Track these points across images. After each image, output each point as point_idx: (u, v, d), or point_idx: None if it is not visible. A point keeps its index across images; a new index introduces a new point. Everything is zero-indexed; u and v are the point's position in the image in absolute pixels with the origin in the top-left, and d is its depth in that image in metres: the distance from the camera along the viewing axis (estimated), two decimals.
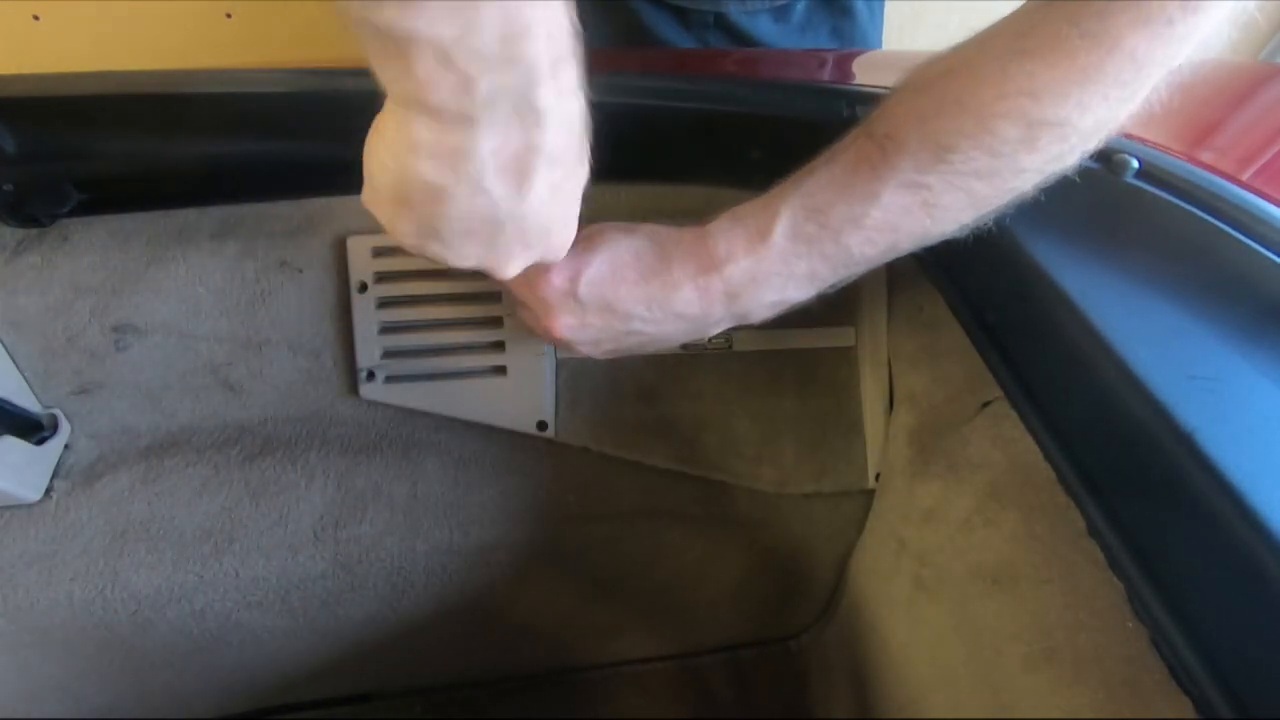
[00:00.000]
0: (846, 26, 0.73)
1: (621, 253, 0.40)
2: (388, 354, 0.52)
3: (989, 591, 0.44)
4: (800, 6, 0.70)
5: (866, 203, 0.36)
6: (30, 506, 0.51)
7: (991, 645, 0.44)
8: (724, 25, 0.68)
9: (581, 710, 0.68)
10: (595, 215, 0.51)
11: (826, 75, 0.59)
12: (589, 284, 0.40)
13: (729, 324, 0.41)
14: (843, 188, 0.36)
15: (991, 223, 0.38)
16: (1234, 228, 0.39)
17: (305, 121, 0.44)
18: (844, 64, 0.62)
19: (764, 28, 0.69)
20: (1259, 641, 0.29)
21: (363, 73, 0.44)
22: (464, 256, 0.33)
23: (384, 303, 0.51)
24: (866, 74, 0.57)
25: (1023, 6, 0.34)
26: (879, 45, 0.78)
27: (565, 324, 0.41)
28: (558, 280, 0.40)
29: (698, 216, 0.53)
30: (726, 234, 0.38)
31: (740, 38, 0.69)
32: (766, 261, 0.38)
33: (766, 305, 0.40)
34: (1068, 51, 0.32)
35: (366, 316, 0.51)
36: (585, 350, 0.43)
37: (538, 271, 0.40)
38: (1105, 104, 0.33)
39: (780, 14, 0.69)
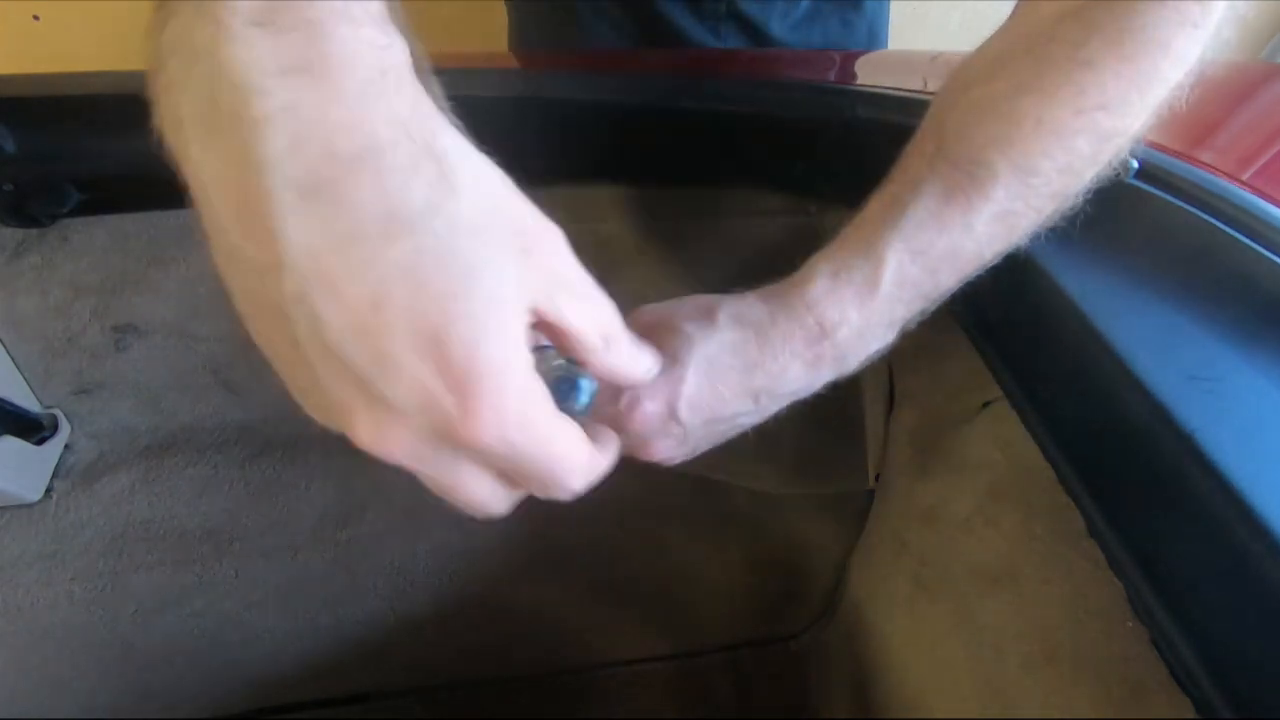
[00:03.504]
0: (855, 16, 0.73)
1: (717, 357, 0.35)
2: None
3: (989, 591, 0.44)
4: None
5: (963, 236, 0.34)
6: (30, 506, 0.51)
7: (991, 645, 0.44)
8: (736, 14, 0.69)
9: (581, 710, 0.68)
10: (596, 214, 0.51)
11: (829, 75, 0.59)
12: (690, 407, 0.34)
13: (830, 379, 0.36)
14: (941, 224, 0.34)
15: None
16: (1234, 228, 0.39)
17: None
18: (848, 64, 0.62)
19: (775, 16, 0.69)
20: (1259, 641, 0.29)
21: None
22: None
23: None
24: (869, 74, 0.57)
25: (1061, 12, 0.33)
26: (886, 36, 0.79)
27: (665, 447, 0.36)
28: (653, 408, 0.34)
29: (698, 217, 0.53)
30: (834, 295, 0.34)
31: (751, 26, 0.69)
32: (875, 314, 0.34)
33: (866, 357, 0.36)
34: (1131, 59, 0.31)
35: None
36: (683, 458, 0.38)
37: (627, 404, 0.34)
38: (1150, 108, 0.33)
39: (791, 2, 0.70)
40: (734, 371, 0.35)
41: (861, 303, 0.34)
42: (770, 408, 0.36)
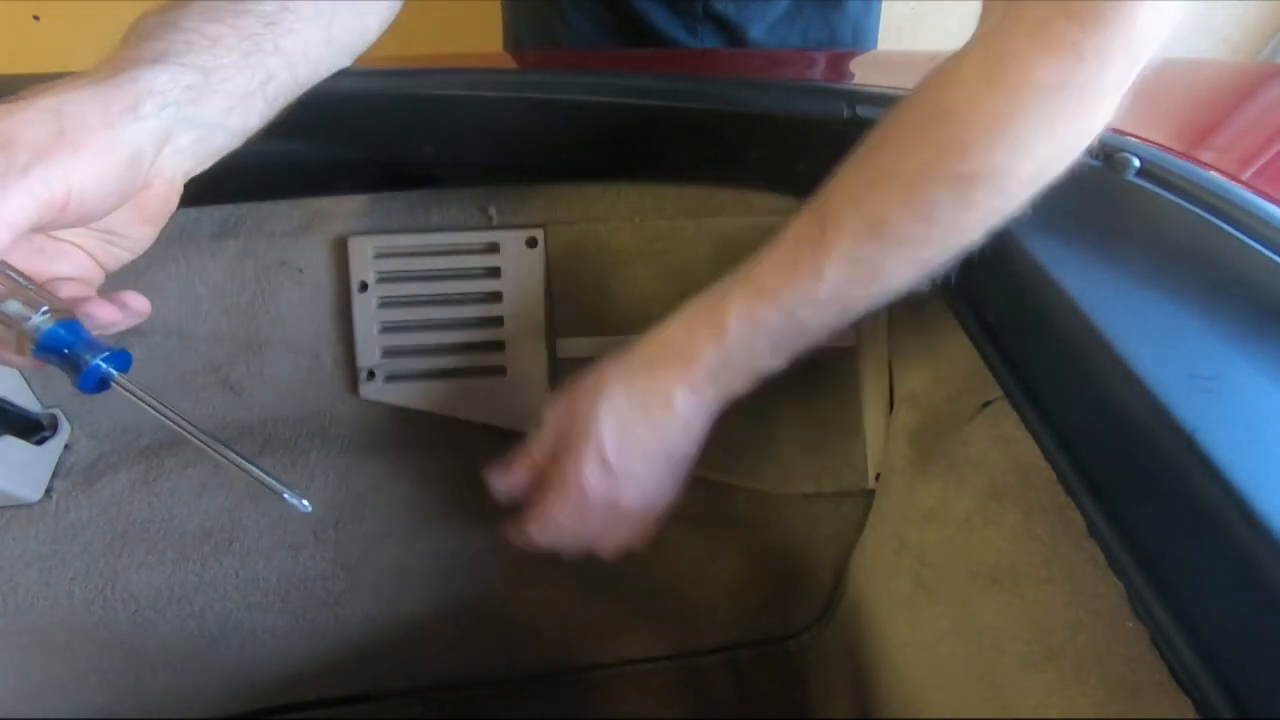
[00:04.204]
0: (837, 17, 0.72)
1: (617, 405, 0.41)
2: (388, 353, 0.52)
3: (989, 591, 0.44)
4: None
5: (813, 280, 0.37)
6: (30, 506, 0.51)
7: (991, 645, 0.44)
8: (712, 13, 0.69)
9: (581, 710, 0.68)
10: (596, 214, 0.51)
11: (826, 75, 0.59)
12: (617, 452, 0.41)
13: (721, 405, 0.42)
14: (788, 270, 0.38)
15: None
16: (1234, 228, 0.39)
17: (305, 122, 0.44)
18: (843, 64, 0.62)
19: (753, 16, 0.69)
20: (1259, 641, 0.29)
21: (361, 73, 0.44)
22: None
23: (384, 302, 0.51)
24: (866, 74, 0.57)
25: (948, 57, 0.35)
26: (874, 36, 0.78)
27: (633, 498, 0.42)
28: (590, 468, 0.41)
29: (698, 217, 0.53)
30: (690, 335, 0.40)
31: (729, 25, 0.69)
32: (730, 349, 0.39)
33: (742, 379, 0.41)
34: (981, 104, 0.32)
35: (367, 316, 0.51)
36: (658, 496, 0.44)
37: (558, 478, 0.42)
38: (1039, 140, 0.33)
39: (768, 2, 0.69)
40: (637, 410, 0.41)
41: (713, 339, 0.39)
42: (686, 432, 0.42)
